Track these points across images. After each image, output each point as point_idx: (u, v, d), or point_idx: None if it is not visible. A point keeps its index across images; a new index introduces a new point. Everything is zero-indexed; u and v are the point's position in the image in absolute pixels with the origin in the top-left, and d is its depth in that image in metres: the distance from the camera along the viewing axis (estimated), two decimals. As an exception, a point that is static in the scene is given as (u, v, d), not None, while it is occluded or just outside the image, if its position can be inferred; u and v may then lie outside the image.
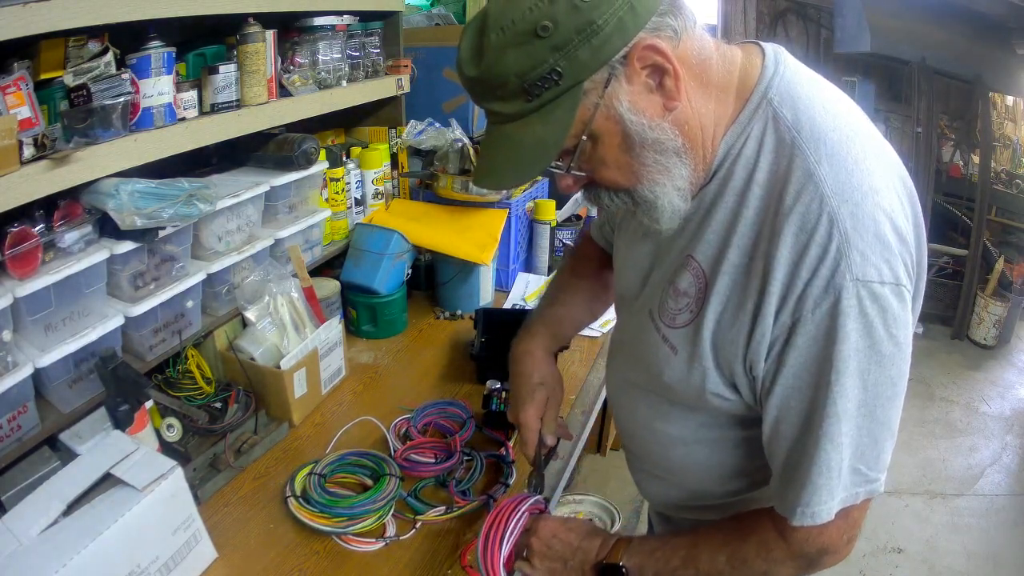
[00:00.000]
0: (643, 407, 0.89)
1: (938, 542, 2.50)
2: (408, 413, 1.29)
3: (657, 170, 0.68)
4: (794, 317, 0.64)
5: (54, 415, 1.06)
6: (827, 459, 0.65)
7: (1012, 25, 3.90)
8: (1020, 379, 3.60)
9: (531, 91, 0.62)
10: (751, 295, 0.67)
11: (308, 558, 0.99)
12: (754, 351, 0.68)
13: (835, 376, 0.63)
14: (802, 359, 0.65)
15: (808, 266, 0.62)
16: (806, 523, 0.68)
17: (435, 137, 1.82)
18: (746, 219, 0.68)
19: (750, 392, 0.72)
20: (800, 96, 0.69)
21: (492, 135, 0.69)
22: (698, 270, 0.73)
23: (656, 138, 0.66)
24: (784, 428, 0.69)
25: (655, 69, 0.64)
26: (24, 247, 0.95)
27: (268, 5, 1.31)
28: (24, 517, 0.82)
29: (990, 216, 4.07)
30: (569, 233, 1.99)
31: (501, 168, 0.69)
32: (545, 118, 0.64)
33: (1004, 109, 4.40)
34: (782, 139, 0.67)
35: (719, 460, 0.85)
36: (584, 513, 2.11)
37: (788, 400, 0.68)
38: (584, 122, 0.65)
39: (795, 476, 0.68)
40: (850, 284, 0.61)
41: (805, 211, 0.63)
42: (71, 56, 1.00)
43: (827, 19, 4.29)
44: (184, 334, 1.24)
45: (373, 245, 1.62)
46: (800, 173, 0.64)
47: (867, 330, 0.62)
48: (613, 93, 0.64)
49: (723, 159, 0.71)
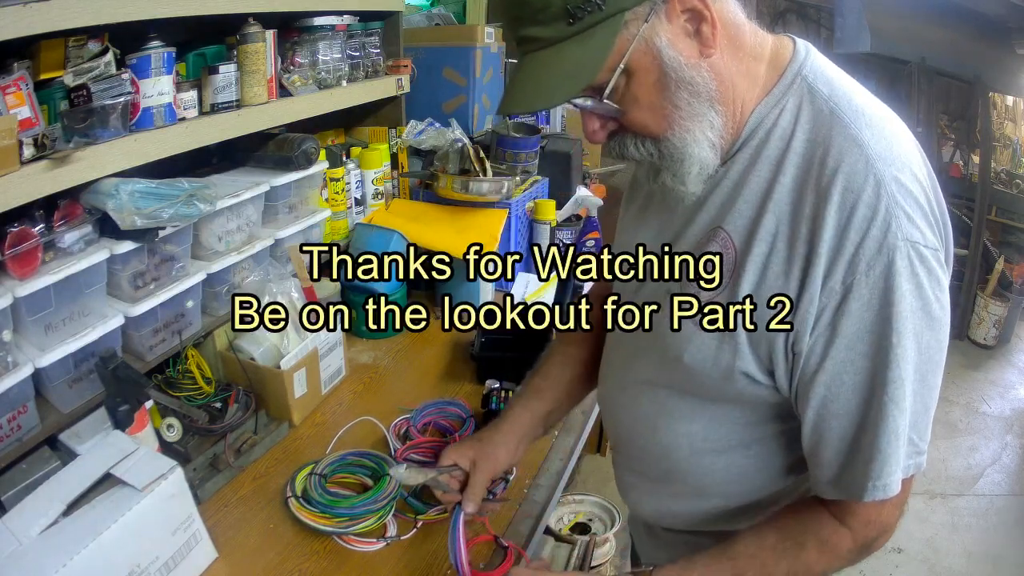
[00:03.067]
0: (652, 405, 0.84)
1: (938, 542, 2.50)
2: (408, 413, 1.29)
3: (690, 114, 0.67)
4: (845, 282, 0.62)
5: (54, 415, 1.06)
6: (895, 426, 0.63)
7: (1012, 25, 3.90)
8: (1020, 379, 3.60)
9: (574, 14, 0.62)
10: (796, 261, 0.65)
11: (308, 558, 0.99)
12: (800, 321, 0.65)
13: (896, 338, 0.61)
14: (857, 326, 0.63)
15: (857, 227, 0.61)
16: (878, 497, 0.65)
17: (435, 137, 1.82)
18: (783, 185, 0.67)
19: (786, 374, 0.69)
20: (833, 77, 0.70)
21: (524, 64, 0.67)
22: (727, 241, 0.70)
23: (692, 78, 0.65)
24: (838, 405, 0.66)
25: (694, 14, 0.64)
26: (24, 247, 0.95)
27: (268, 5, 1.31)
28: (24, 517, 0.82)
29: (990, 216, 4.07)
30: (569, 233, 2.00)
31: (535, 91, 0.67)
32: (584, 42, 0.63)
33: (1004, 109, 4.40)
34: (820, 110, 0.67)
35: (763, 464, 0.80)
36: (584, 513, 2.11)
37: (841, 374, 0.65)
38: (622, 53, 0.64)
39: (859, 451, 0.66)
40: (902, 244, 0.60)
41: (851, 171, 0.62)
42: (71, 56, 1.00)
43: (827, 19, 4.29)
44: (184, 334, 1.24)
45: (373, 245, 1.62)
46: (842, 138, 0.64)
47: (919, 291, 0.62)
48: (653, 28, 0.63)
49: (755, 129, 0.70)
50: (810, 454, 0.71)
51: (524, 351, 1.47)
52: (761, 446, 0.79)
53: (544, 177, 2.01)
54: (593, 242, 1.99)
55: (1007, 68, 4.07)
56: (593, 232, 1.99)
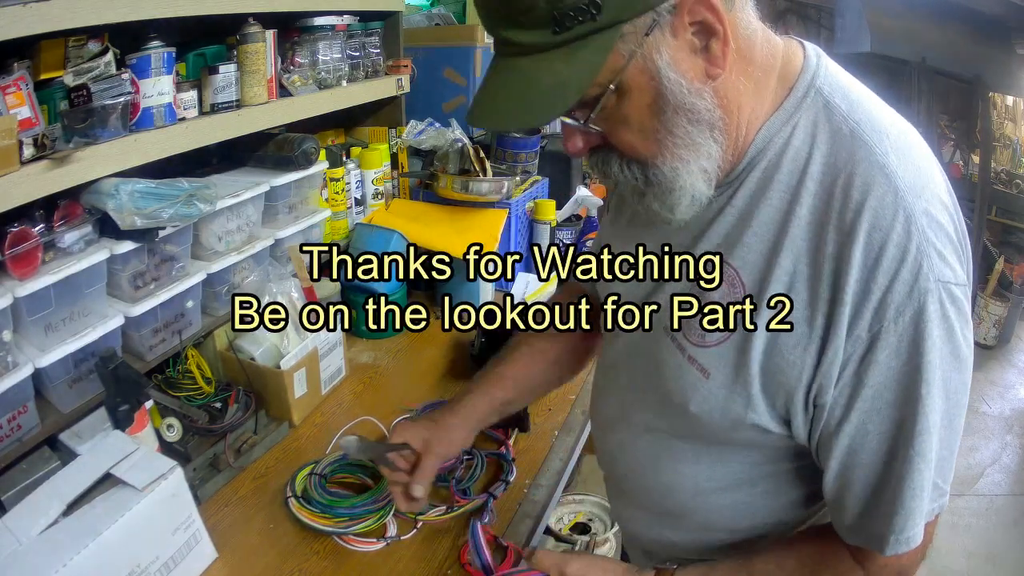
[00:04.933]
0: (652, 447, 0.79)
1: (938, 542, 2.48)
2: (408, 413, 1.28)
3: (685, 143, 0.60)
4: (872, 330, 0.57)
5: (54, 415, 1.06)
6: (920, 480, 0.59)
7: (1012, 25, 3.90)
8: (1020, 379, 3.60)
9: (561, 21, 0.53)
10: (819, 306, 0.59)
11: (308, 558, 0.99)
12: (824, 374, 0.60)
13: (925, 389, 0.57)
14: (884, 376, 0.58)
15: (886, 269, 0.56)
16: (900, 551, 0.62)
17: (435, 137, 1.82)
18: (799, 218, 0.60)
19: (805, 424, 0.64)
20: (850, 88, 0.64)
21: (500, 68, 0.59)
22: (735, 278, 0.64)
23: (693, 104, 0.58)
24: (862, 457, 0.62)
25: (703, 28, 0.56)
26: (24, 247, 0.95)
27: (268, 5, 1.31)
28: (24, 517, 0.82)
29: (990, 216, 4.08)
30: (569, 233, 2.00)
31: (509, 107, 0.59)
32: (570, 56, 0.55)
33: (1004, 109, 4.40)
34: (838, 130, 0.60)
35: (771, 500, 0.76)
36: (584, 513, 2.11)
37: (865, 424, 0.60)
38: (614, 70, 0.57)
39: (882, 504, 0.62)
40: (934, 286, 0.56)
41: (878, 206, 0.56)
42: (71, 56, 1.00)
43: (827, 19, 4.30)
44: (184, 334, 1.24)
45: (373, 245, 1.62)
46: (866, 165, 0.58)
47: (949, 335, 0.57)
48: (654, 43, 0.55)
49: (763, 150, 0.63)
50: (832, 500, 0.67)
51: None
52: (769, 483, 0.75)
53: (544, 177, 2.01)
54: (593, 242, 1.98)
55: (1007, 68, 4.07)
56: (593, 232, 1.99)
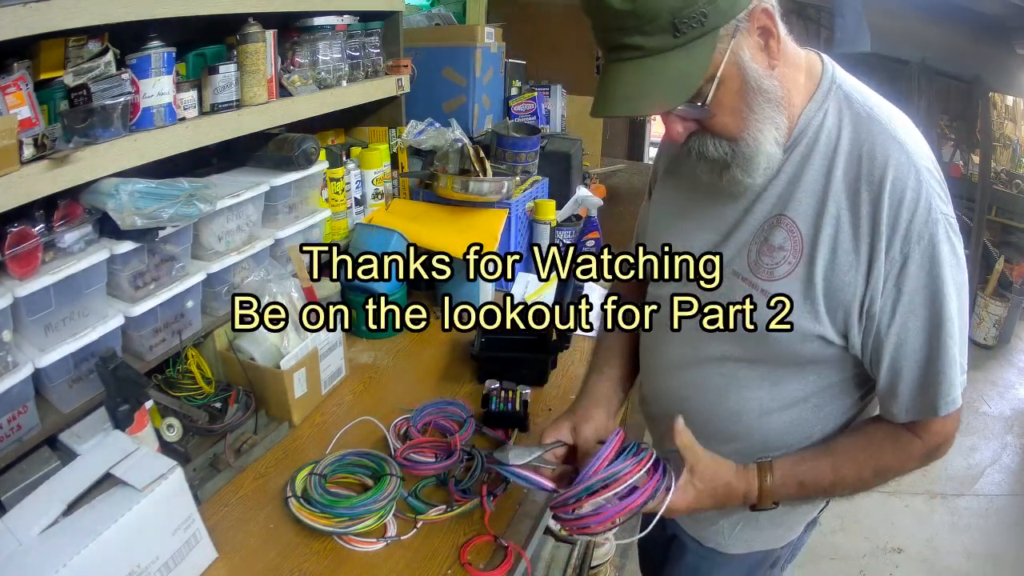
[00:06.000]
0: (722, 378, 0.94)
1: (938, 542, 2.50)
2: (408, 413, 1.29)
3: (763, 117, 0.79)
4: (903, 251, 0.78)
5: (54, 415, 1.06)
6: (953, 353, 0.80)
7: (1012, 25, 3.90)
8: (1020, 379, 3.60)
9: (679, 28, 0.71)
10: (863, 238, 0.79)
11: (308, 558, 0.99)
12: (873, 288, 0.80)
13: (945, 288, 0.78)
14: (915, 283, 0.79)
15: (908, 208, 0.77)
16: (950, 410, 0.82)
17: (435, 137, 1.82)
18: (837, 178, 0.80)
19: (859, 333, 0.83)
20: (859, 86, 0.85)
21: (626, 68, 0.75)
22: (792, 226, 0.83)
23: (768, 86, 0.77)
24: (909, 347, 0.81)
25: (764, 31, 0.76)
26: (24, 247, 0.95)
27: (268, 5, 1.31)
28: (24, 517, 0.82)
29: (990, 216, 4.08)
30: (569, 233, 2.00)
31: (641, 95, 0.75)
32: (689, 54, 0.73)
33: (1004, 109, 4.40)
34: (858, 114, 0.81)
35: (820, 413, 0.92)
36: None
37: (907, 322, 0.80)
38: (717, 65, 0.74)
39: (931, 377, 0.81)
40: (940, 217, 0.77)
41: (897, 164, 0.77)
42: (71, 56, 1.00)
43: (827, 19, 4.29)
44: (184, 334, 1.24)
45: (373, 245, 1.62)
46: (884, 137, 0.79)
47: (953, 249, 0.79)
48: (739, 42, 0.74)
49: (804, 129, 0.83)
50: (887, 391, 0.85)
51: (524, 351, 1.48)
52: (819, 397, 0.92)
53: (544, 177, 2.01)
54: (593, 242, 1.98)
55: (1007, 68, 4.07)
56: (593, 232, 1.99)
